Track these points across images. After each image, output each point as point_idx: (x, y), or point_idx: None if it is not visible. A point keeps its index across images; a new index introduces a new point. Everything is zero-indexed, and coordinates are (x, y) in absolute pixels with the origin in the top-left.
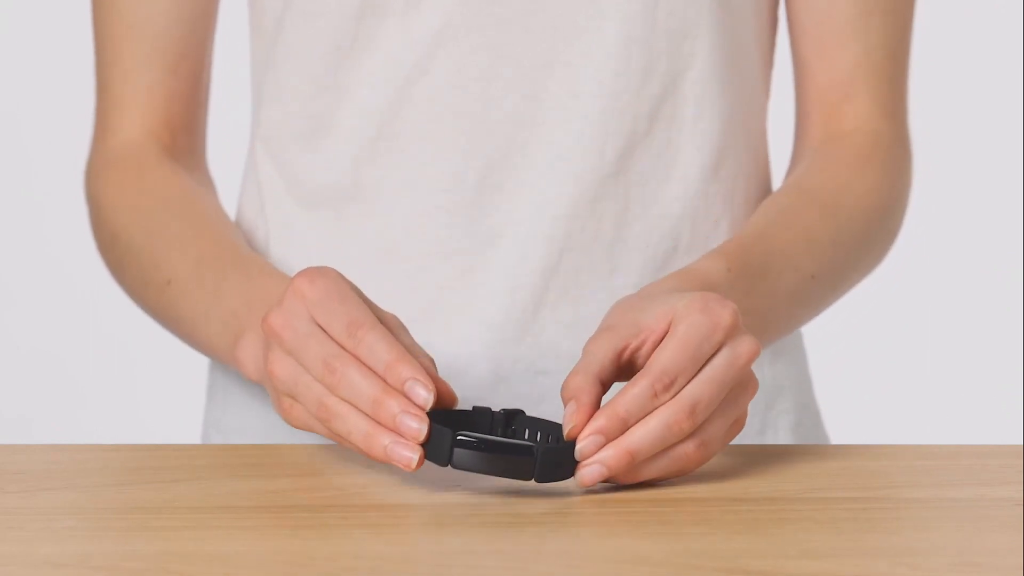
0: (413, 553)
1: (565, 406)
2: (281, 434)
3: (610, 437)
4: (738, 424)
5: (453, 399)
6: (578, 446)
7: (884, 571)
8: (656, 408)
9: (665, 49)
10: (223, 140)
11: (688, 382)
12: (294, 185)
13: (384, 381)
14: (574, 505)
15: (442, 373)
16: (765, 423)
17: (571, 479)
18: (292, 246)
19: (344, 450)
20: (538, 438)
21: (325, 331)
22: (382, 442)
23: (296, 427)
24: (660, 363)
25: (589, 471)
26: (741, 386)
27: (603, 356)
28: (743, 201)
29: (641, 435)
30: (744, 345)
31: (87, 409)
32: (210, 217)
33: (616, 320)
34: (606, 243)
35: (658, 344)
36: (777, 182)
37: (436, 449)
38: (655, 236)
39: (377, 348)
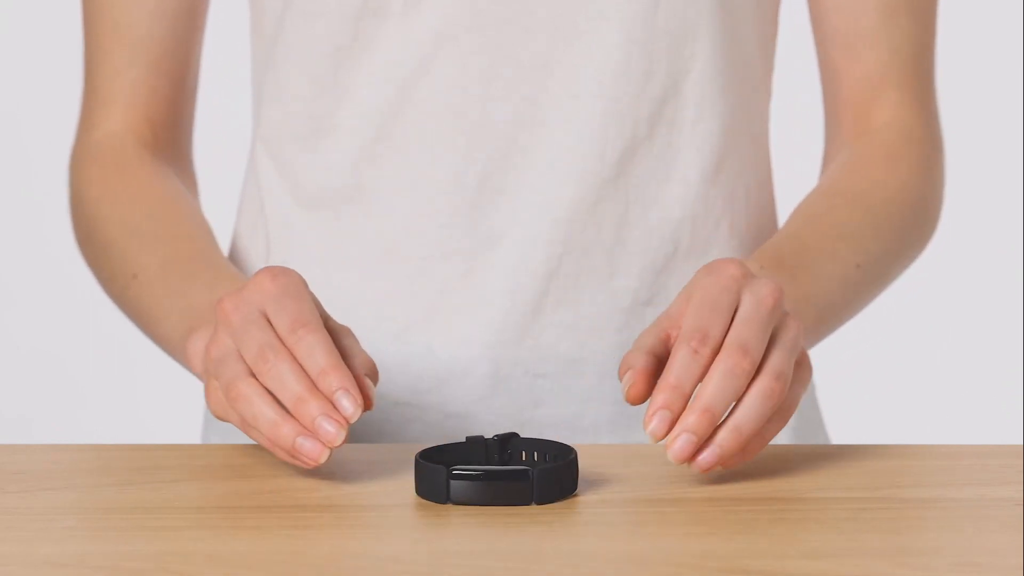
0: (413, 553)
1: (624, 385)
2: None
3: (673, 409)
4: (805, 365)
5: (369, 404)
6: (648, 429)
7: (884, 571)
8: (708, 366)
9: (665, 51)
10: (223, 140)
11: (723, 333)
12: (294, 185)
13: (312, 383)
14: (574, 505)
15: (441, 375)
16: None
17: (571, 494)
18: (292, 246)
19: (343, 451)
20: (535, 458)
21: (271, 324)
22: (287, 432)
23: (214, 414)
24: (687, 325)
25: (679, 444)
26: (783, 327)
27: (649, 338)
28: (744, 203)
29: (711, 390)
30: (765, 287)
31: (87, 409)
32: (185, 220)
33: (654, 322)
34: (606, 246)
35: None
36: (778, 183)
37: (432, 487)
38: (655, 239)
39: (316, 351)
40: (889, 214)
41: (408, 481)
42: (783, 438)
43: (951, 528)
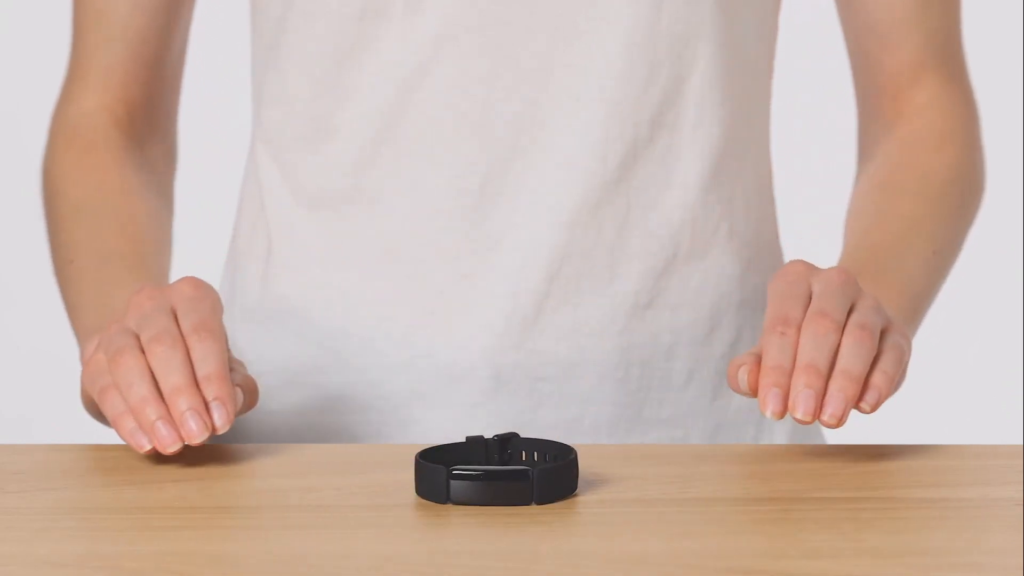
0: (413, 553)
1: (738, 380)
2: (280, 434)
3: (781, 385)
4: (893, 325)
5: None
6: (768, 412)
7: (884, 571)
8: (797, 342)
9: (667, 55)
10: (223, 140)
11: (803, 315)
12: (296, 186)
13: (195, 380)
14: (574, 505)
15: (442, 377)
16: (761, 428)
17: (571, 494)
18: (293, 246)
19: (344, 451)
20: (535, 458)
21: (178, 321)
22: (151, 414)
23: (82, 382)
24: (768, 319)
25: (801, 402)
26: (860, 298)
27: (754, 348)
28: (743, 206)
29: (806, 351)
30: (832, 270)
31: None
32: (135, 218)
33: None
34: (607, 249)
35: None
36: (779, 186)
37: (432, 487)
38: (655, 242)
39: (210, 356)
40: (949, 196)
41: (408, 481)
42: (782, 438)
43: (951, 528)
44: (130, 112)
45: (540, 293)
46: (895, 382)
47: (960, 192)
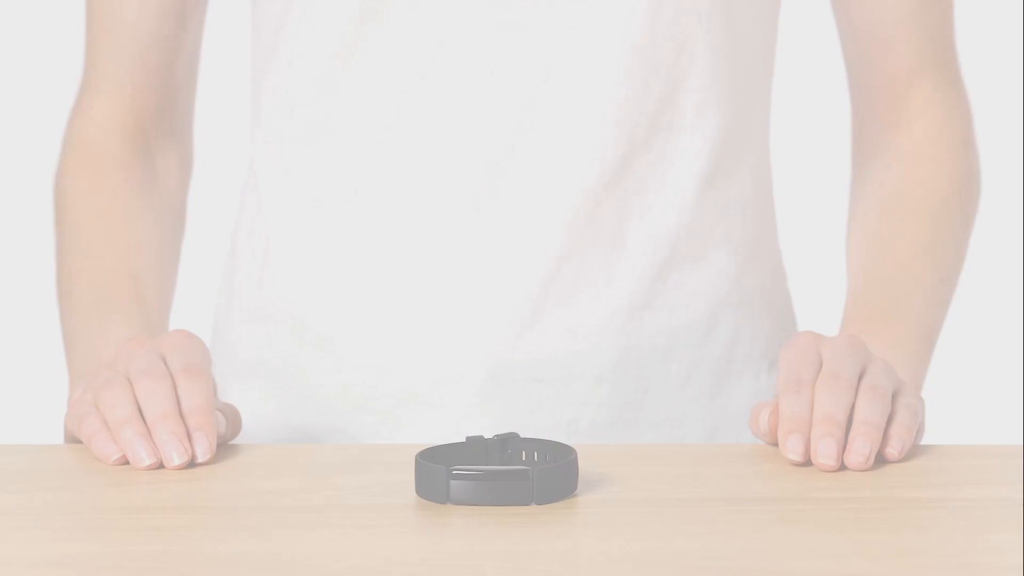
0: (413, 553)
1: (758, 423)
2: (279, 434)
3: (803, 431)
4: (905, 386)
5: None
6: (791, 457)
7: (884, 571)
8: (812, 400)
9: (665, 58)
10: (223, 140)
11: (816, 376)
12: (294, 186)
13: (179, 410)
14: (574, 505)
15: (439, 378)
16: None
17: (571, 494)
18: (291, 246)
19: (344, 451)
20: (535, 458)
21: (166, 364)
22: (131, 431)
23: (66, 421)
24: (782, 381)
25: (823, 447)
26: (870, 363)
27: (767, 401)
28: (740, 209)
29: (822, 405)
30: (840, 338)
31: None
32: (136, 246)
33: None
34: (604, 251)
35: None
36: (779, 186)
37: (432, 487)
38: (652, 245)
39: (196, 393)
40: (951, 211)
41: (408, 481)
42: None
43: (951, 528)
44: (141, 121)
45: (538, 295)
46: (914, 434)
47: (961, 203)
